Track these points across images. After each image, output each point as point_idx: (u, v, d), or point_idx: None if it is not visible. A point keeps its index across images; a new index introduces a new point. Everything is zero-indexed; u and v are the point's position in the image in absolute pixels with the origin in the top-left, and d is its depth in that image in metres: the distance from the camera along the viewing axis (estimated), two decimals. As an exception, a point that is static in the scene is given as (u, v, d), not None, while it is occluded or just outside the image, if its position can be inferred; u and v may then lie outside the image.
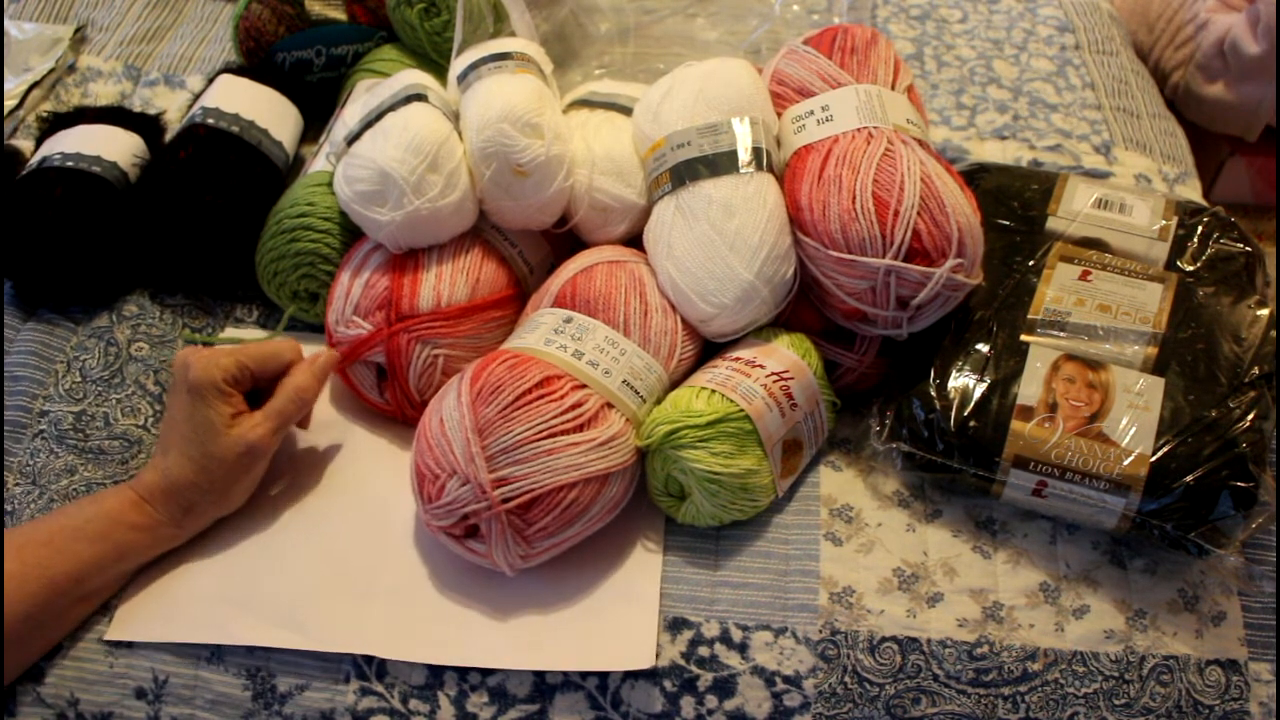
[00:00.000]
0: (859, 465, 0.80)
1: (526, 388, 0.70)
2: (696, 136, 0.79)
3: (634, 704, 0.69)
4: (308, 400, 0.75)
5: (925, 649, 0.71)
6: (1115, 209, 0.86)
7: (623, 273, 0.78)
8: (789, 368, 0.76)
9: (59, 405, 0.82)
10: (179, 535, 0.73)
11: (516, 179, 0.79)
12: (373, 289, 0.79)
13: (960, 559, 0.75)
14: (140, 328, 0.88)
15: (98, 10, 1.20)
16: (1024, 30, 1.23)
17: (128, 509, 0.70)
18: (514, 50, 0.86)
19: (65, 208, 0.85)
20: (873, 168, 0.74)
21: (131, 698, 0.69)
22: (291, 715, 0.69)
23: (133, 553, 0.71)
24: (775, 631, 0.71)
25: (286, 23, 1.02)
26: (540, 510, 0.68)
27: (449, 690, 0.69)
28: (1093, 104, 1.13)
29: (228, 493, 0.73)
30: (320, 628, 0.70)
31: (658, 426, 0.72)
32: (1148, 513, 0.71)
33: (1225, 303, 0.79)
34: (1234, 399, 0.72)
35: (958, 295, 0.75)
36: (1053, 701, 0.70)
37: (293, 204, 0.85)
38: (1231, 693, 0.70)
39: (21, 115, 1.06)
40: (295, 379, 0.74)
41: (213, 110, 0.92)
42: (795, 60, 0.85)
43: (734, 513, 0.74)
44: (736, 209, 0.76)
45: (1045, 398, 0.73)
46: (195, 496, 0.71)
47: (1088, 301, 0.78)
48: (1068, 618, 0.72)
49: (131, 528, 0.70)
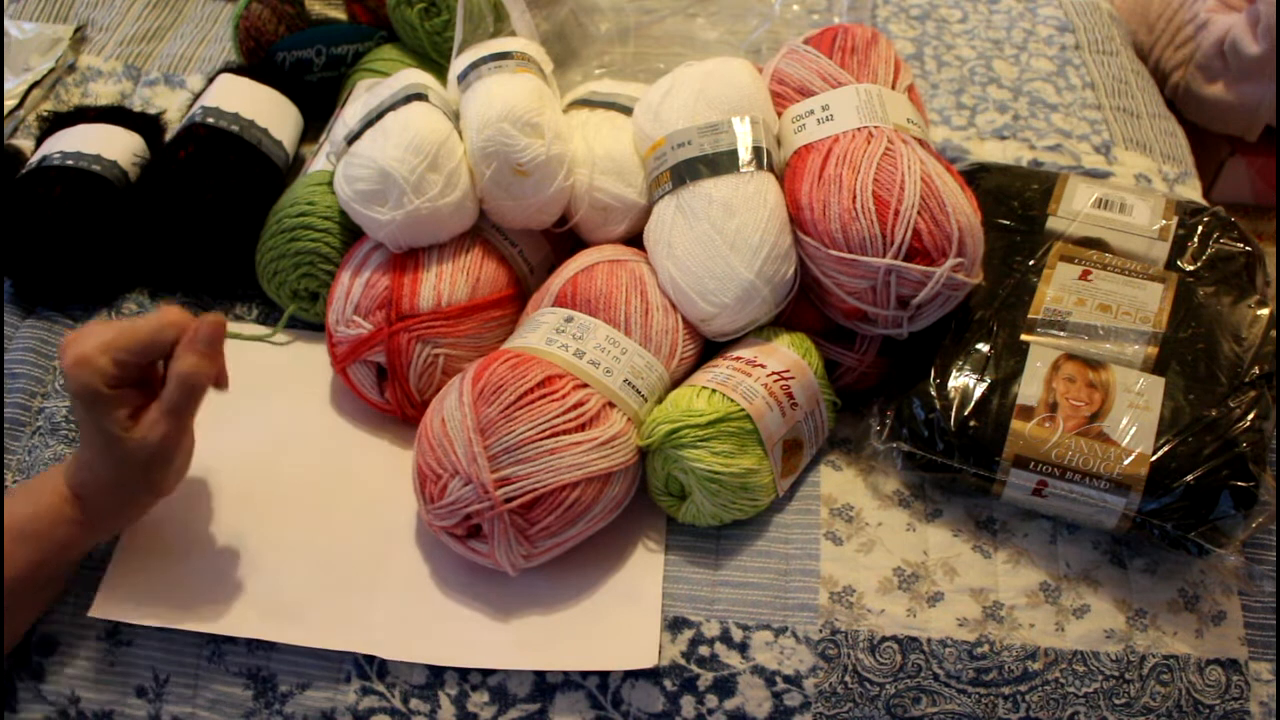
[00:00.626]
0: (859, 465, 0.80)
1: (528, 387, 0.70)
2: (697, 136, 0.79)
3: (634, 703, 0.69)
4: (199, 384, 0.66)
5: (925, 648, 0.71)
6: (1115, 209, 0.86)
7: (623, 272, 0.78)
8: (789, 367, 0.76)
9: (55, 401, 0.82)
10: (119, 525, 0.70)
11: (517, 178, 0.79)
12: (373, 288, 0.79)
13: (960, 558, 0.75)
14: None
15: (98, 10, 1.20)
16: (1024, 30, 1.23)
17: (63, 505, 0.67)
18: (514, 50, 0.86)
19: (65, 207, 0.85)
20: (873, 167, 0.74)
21: (132, 696, 0.69)
22: (292, 715, 0.69)
23: (76, 546, 0.68)
24: (775, 631, 0.71)
25: (286, 22, 1.02)
26: (542, 510, 0.68)
27: (450, 690, 0.69)
28: (1093, 104, 1.13)
29: (153, 487, 0.69)
30: (321, 625, 0.70)
31: (659, 426, 0.72)
32: (1148, 512, 0.71)
33: (1225, 302, 0.79)
34: (1234, 398, 0.72)
35: (958, 295, 0.75)
36: (1053, 701, 0.70)
37: (293, 203, 0.85)
38: (1232, 692, 0.70)
39: (22, 115, 1.06)
40: (180, 364, 0.65)
41: (213, 110, 0.91)
42: (795, 60, 0.85)
43: (734, 512, 0.74)
44: (737, 208, 0.76)
45: (1045, 397, 0.73)
46: (123, 495, 0.68)
47: (1088, 301, 0.78)
48: (1068, 617, 0.72)
49: (71, 523, 0.67)
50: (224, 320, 0.67)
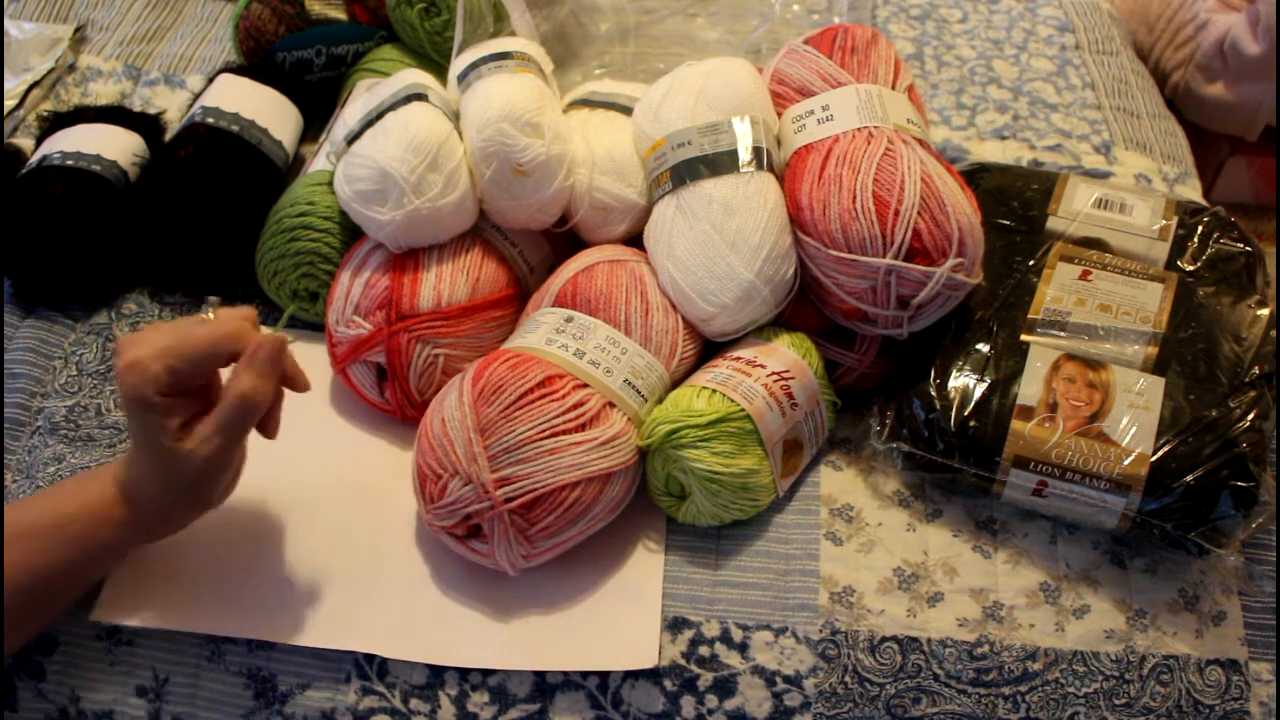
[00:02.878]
0: (859, 465, 0.80)
1: (528, 387, 0.70)
2: (697, 136, 0.79)
3: (634, 703, 0.69)
4: (257, 405, 0.63)
5: (925, 649, 0.71)
6: (1115, 209, 0.86)
7: (624, 272, 0.78)
8: (789, 367, 0.76)
9: (55, 401, 0.82)
10: (165, 533, 0.69)
11: (516, 178, 0.79)
12: (373, 289, 0.79)
13: (960, 559, 0.75)
14: (139, 326, 0.88)
15: (98, 10, 1.20)
16: (1024, 30, 1.23)
17: (111, 507, 0.66)
18: (514, 50, 0.86)
19: (65, 206, 0.85)
20: (873, 167, 0.74)
21: (132, 695, 0.69)
22: (292, 715, 0.69)
23: (116, 551, 0.68)
24: (776, 631, 0.71)
25: (286, 22, 1.02)
26: (542, 510, 0.68)
27: (450, 690, 0.69)
28: (1093, 104, 1.13)
29: (200, 500, 0.67)
30: (322, 625, 0.70)
31: (659, 426, 0.72)
32: (1148, 512, 0.71)
33: (1225, 302, 0.79)
34: (1234, 399, 0.72)
35: (958, 295, 0.75)
36: (1053, 701, 0.70)
37: (293, 203, 0.85)
38: (1231, 692, 0.70)
39: (21, 115, 1.06)
40: (238, 384, 0.63)
41: (213, 109, 0.91)
42: (795, 60, 0.85)
43: (734, 512, 0.74)
44: (737, 208, 0.76)
45: (1045, 397, 0.73)
46: (170, 503, 0.67)
47: (1088, 301, 0.78)
48: (1068, 617, 0.72)
49: (116, 526, 0.66)
50: (285, 339, 0.65)
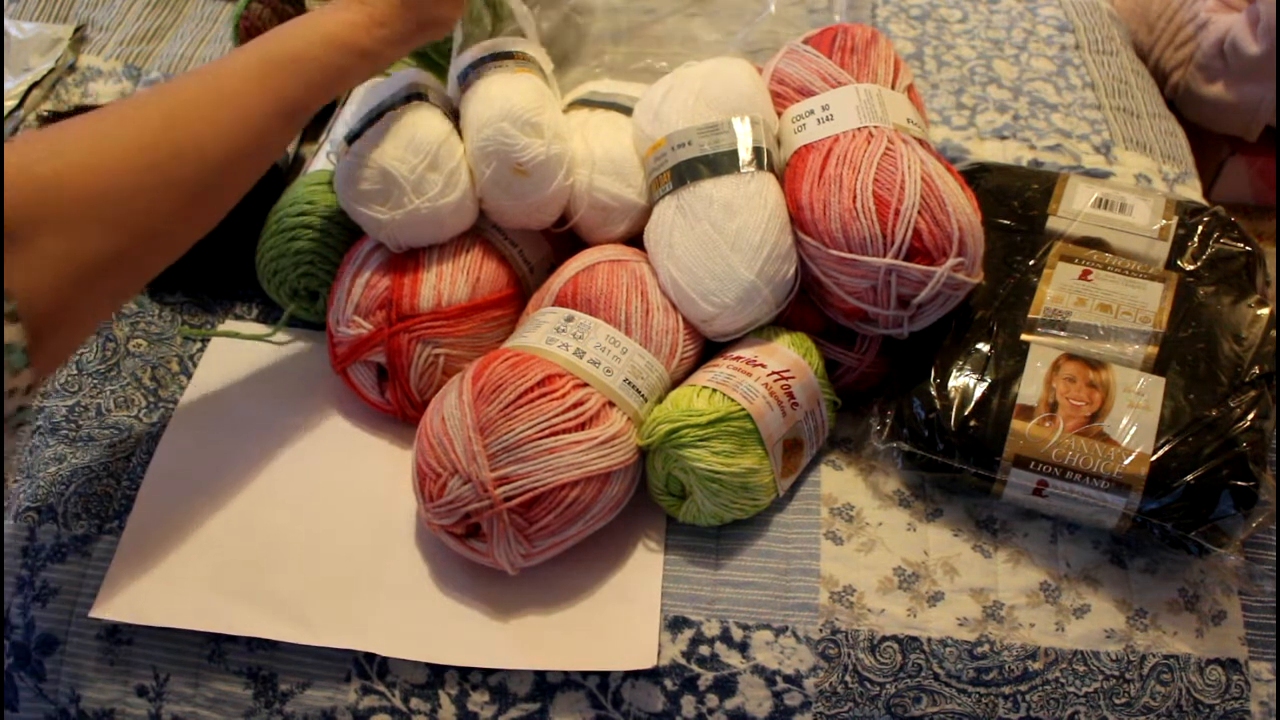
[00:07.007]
0: (860, 464, 0.80)
1: (528, 386, 0.70)
2: (697, 136, 0.79)
3: (635, 703, 0.69)
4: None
5: (926, 648, 0.71)
6: (1115, 209, 0.86)
7: (624, 272, 0.78)
8: (790, 367, 0.76)
9: (54, 401, 0.82)
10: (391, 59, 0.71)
11: (516, 178, 0.79)
12: (373, 289, 0.79)
13: (961, 558, 0.75)
14: (139, 325, 0.88)
15: (98, 10, 1.20)
16: (1024, 30, 1.23)
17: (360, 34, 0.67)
18: (514, 49, 0.86)
19: (65, 207, 0.85)
20: (873, 167, 0.74)
21: (133, 695, 0.69)
22: (293, 714, 0.69)
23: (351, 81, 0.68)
24: (776, 631, 0.71)
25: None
26: (542, 509, 0.68)
27: (450, 689, 0.69)
28: (1093, 104, 1.13)
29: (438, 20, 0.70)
30: (322, 624, 0.70)
31: (659, 425, 0.72)
32: (1148, 512, 0.71)
33: (1225, 302, 0.79)
34: (1234, 398, 0.72)
35: (958, 294, 0.76)
36: (1053, 701, 0.70)
37: (293, 202, 0.85)
38: (1232, 692, 0.70)
39: (22, 115, 1.06)
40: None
41: (213, 109, 0.91)
42: (795, 60, 0.85)
43: (735, 512, 0.74)
44: (738, 209, 0.76)
45: (1046, 397, 0.73)
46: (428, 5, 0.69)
47: (1088, 301, 0.78)
48: (1068, 617, 0.72)
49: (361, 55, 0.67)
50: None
